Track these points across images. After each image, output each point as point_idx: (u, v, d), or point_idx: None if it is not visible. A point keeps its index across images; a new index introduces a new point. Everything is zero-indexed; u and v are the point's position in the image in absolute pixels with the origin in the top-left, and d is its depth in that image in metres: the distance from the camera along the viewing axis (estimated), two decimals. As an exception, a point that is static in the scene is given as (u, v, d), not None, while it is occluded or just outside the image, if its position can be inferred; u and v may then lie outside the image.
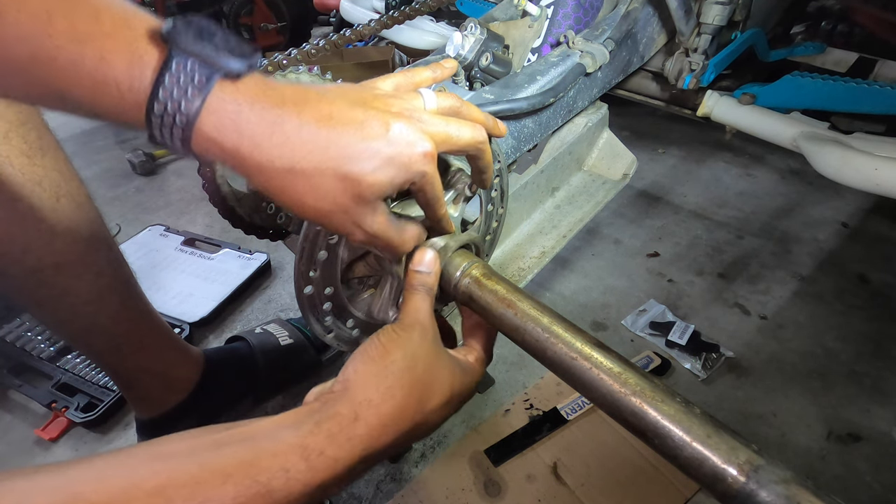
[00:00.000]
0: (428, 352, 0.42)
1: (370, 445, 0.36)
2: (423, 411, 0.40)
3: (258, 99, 0.34)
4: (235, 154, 0.34)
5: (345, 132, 0.36)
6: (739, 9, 0.95)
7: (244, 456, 0.33)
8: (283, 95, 0.35)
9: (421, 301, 0.45)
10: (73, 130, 1.84)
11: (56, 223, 0.61)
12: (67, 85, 0.31)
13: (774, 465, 0.33)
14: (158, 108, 0.32)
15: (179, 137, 0.33)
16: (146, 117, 0.33)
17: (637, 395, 0.38)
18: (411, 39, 1.58)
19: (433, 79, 0.49)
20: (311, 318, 0.53)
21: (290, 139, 0.35)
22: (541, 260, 0.90)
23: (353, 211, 0.38)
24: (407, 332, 0.42)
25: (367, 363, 0.39)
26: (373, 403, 0.37)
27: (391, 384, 0.38)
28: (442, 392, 0.41)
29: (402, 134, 0.38)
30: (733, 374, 1.01)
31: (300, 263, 0.48)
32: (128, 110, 0.33)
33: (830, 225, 1.41)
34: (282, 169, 0.35)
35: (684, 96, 1.11)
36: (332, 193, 0.36)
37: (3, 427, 0.92)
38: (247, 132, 0.34)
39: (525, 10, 0.81)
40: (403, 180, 0.38)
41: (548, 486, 0.81)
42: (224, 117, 0.33)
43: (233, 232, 0.79)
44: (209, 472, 0.31)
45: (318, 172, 0.36)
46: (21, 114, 0.57)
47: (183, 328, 1.05)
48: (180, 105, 0.32)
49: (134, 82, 0.32)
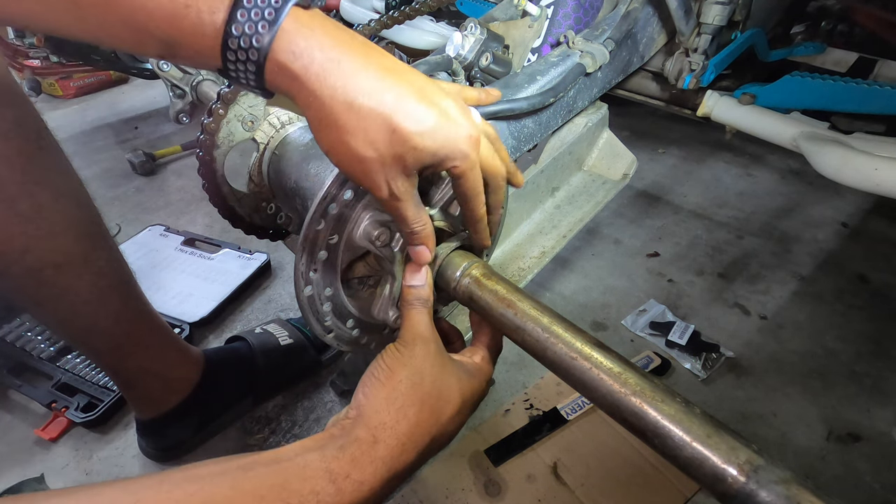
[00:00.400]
0: (433, 364, 0.42)
1: (392, 466, 0.37)
2: (439, 423, 0.41)
3: (329, 30, 0.36)
4: (303, 78, 0.35)
5: (406, 89, 0.37)
6: (739, 9, 0.95)
7: (274, 479, 0.33)
8: (353, 35, 0.37)
9: (418, 315, 0.45)
10: (73, 130, 1.84)
11: (56, 223, 0.61)
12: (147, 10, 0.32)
13: (774, 465, 0.33)
14: (236, 29, 0.33)
15: (254, 61, 0.34)
16: (223, 41, 0.34)
17: (637, 395, 0.38)
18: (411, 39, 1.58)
19: (477, 99, 0.51)
20: (311, 318, 0.53)
21: (356, 74, 0.36)
22: (541, 260, 0.90)
23: (390, 167, 0.38)
24: (409, 348, 0.42)
25: (375, 387, 0.40)
26: (388, 426, 0.38)
27: (402, 404, 0.39)
28: (453, 401, 0.42)
29: (454, 111, 0.39)
30: (733, 374, 1.01)
31: (300, 263, 0.48)
32: (205, 35, 0.34)
33: (830, 225, 1.41)
34: (342, 102, 0.36)
35: (684, 96, 1.11)
36: (378, 143, 0.37)
37: (3, 427, 0.92)
38: (317, 58, 0.35)
39: (525, 10, 0.81)
40: (447, 155, 0.39)
41: (548, 486, 0.81)
42: (298, 39, 0.34)
43: (233, 232, 0.79)
44: (241, 493, 0.32)
45: (372, 115, 0.36)
46: (21, 114, 0.57)
47: (183, 328, 1.05)
48: (257, 26, 0.33)
49: (214, 3, 0.33)
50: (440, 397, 0.41)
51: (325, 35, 0.35)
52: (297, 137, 0.66)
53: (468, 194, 0.43)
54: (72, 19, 0.33)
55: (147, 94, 2.10)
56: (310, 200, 0.54)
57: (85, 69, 2.03)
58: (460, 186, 0.42)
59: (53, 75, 1.99)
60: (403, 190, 0.40)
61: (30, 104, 0.58)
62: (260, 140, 0.67)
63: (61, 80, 2.01)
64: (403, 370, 0.41)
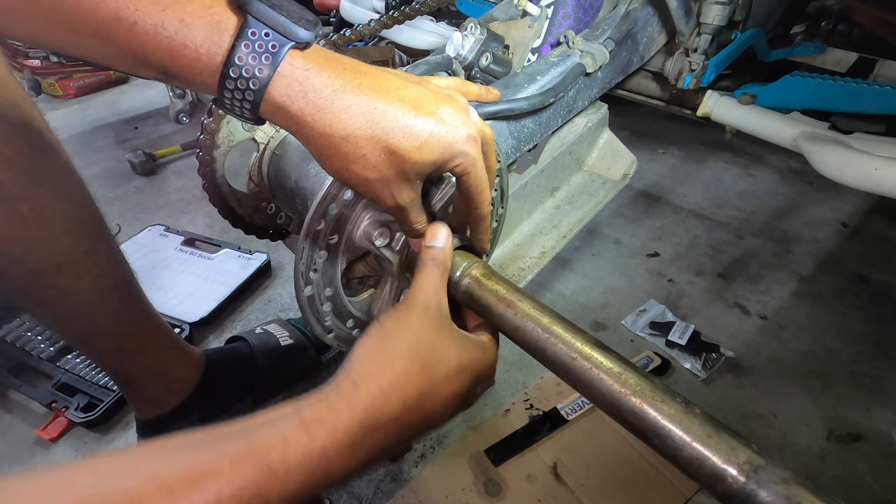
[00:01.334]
0: (430, 327, 0.41)
1: (373, 414, 0.35)
2: (430, 380, 0.38)
3: (323, 67, 0.37)
4: (299, 119, 0.37)
5: (398, 107, 0.38)
6: (739, 9, 0.95)
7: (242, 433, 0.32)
8: (344, 65, 0.38)
9: (427, 277, 0.44)
10: (73, 130, 1.84)
11: (58, 224, 0.61)
12: (147, 47, 0.33)
13: (774, 465, 0.33)
14: (234, 72, 0.35)
15: (250, 101, 0.36)
16: (220, 81, 0.35)
17: (637, 395, 0.38)
18: (411, 39, 1.58)
19: (478, 94, 0.54)
20: (312, 318, 0.53)
21: (349, 108, 0.37)
22: (541, 260, 0.90)
23: (394, 182, 0.40)
24: (409, 308, 0.42)
25: (365, 342, 0.40)
26: (371, 374, 0.37)
27: (390, 356, 0.38)
28: (448, 363, 0.40)
29: (450, 115, 0.40)
30: (733, 374, 1.01)
31: (300, 263, 0.48)
32: (202, 73, 0.35)
33: (830, 225, 1.41)
34: (339, 136, 0.37)
35: (684, 96, 1.11)
36: (379, 166, 0.39)
37: (3, 427, 0.92)
38: (312, 98, 0.36)
39: (525, 10, 0.81)
40: (446, 160, 0.40)
41: (548, 486, 0.81)
42: (293, 83, 0.36)
43: (233, 232, 0.79)
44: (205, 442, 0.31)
45: (369, 143, 0.38)
46: (23, 115, 0.57)
47: (183, 328, 1.05)
48: (254, 70, 0.35)
49: (212, 46, 0.34)
50: (434, 354, 0.39)
51: (318, 76, 0.36)
52: (297, 137, 0.66)
53: (472, 191, 0.44)
54: (70, 43, 0.34)
55: (147, 94, 2.10)
56: (310, 200, 0.54)
57: (85, 69, 2.03)
58: (463, 183, 0.43)
59: (53, 75, 1.99)
60: (408, 200, 0.42)
61: (32, 105, 0.58)
62: (260, 140, 0.67)
63: (61, 80, 2.01)
64: (398, 328, 0.40)
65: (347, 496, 0.81)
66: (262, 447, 0.31)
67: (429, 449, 0.87)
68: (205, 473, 0.29)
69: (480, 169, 0.42)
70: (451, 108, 0.40)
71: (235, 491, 0.29)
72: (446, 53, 0.71)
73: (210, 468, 0.30)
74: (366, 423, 0.35)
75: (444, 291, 0.45)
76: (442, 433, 0.89)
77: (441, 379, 0.39)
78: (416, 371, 0.38)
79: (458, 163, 0.41)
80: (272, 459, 0.31)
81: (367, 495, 0.81)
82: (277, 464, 0.31)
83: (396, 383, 0.37)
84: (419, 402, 0.37)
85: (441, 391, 0.39)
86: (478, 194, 0.44)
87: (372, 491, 0.82)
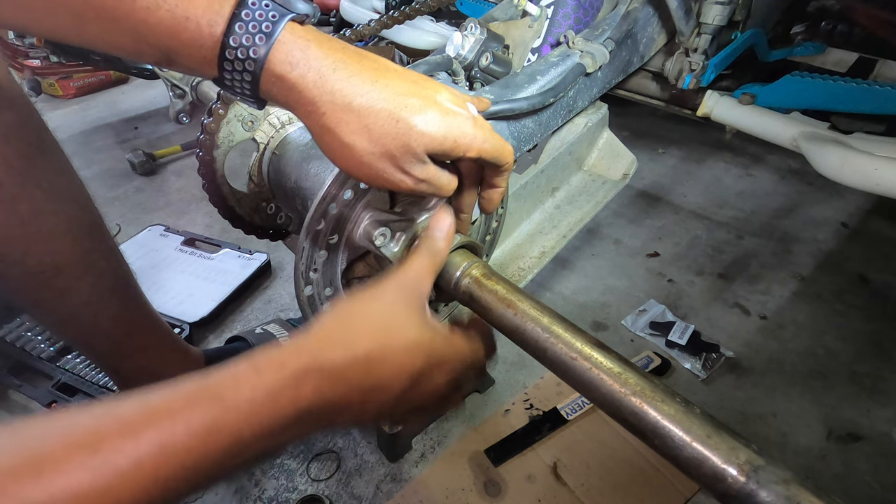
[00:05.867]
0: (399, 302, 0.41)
1: (317, 358, 0.35)
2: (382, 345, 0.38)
3: (323, 41, 0.37)
4: (300, 88, 0.37)
5: (401, 84, 0.39)
6: (739, 9, 0.95)
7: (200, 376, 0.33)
8: (343, 45, 0.38)
9: (414, 260, 0.44)
10: (73, 130, 1.84)
11: (56, 225, 0.61)
12: (149, 23, 0.34)
13: (774, 465, 0.33)
14: (234, 41, 0.35)
15: (250, 71, 0.36)
16: (220, 52, 0.35)
17: (637, 395, 0.38)
18: (411, 39, 1.58)
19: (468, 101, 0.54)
20: (311, 318, 0.53)
21: (351, 78, 0.37)
22: (541, 260, 0.90)
23: (402, 159, 0.39)
24: (385, 282, 0.42)
25: (335, 304, 0.40)
26: (326, 327, 0.37)
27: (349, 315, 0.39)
28: (406, 334, 0.39)
29: (450, 103, 0.40)
30: (733, 374, 1.01)
31: (300, 263, 0.48)
32: (203, 47, 0.35)
33: (830, 225, 1.41)
34: (341, 105, 0.37)
35: (684, 96, 1.11)
36: (383, 137, 0.38)
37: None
38: (314, 66, 0.36)
39: (525, 10, 0.81)
40: (454, 140, 0.40)
41: (548, 486, 0.81)
42: (295, 50, 0.36)
43: (233, 232, 0.79)
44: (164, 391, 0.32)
45: (373, 112, 0.37)
46: (21, 115, 0.57)
47: (183, 328, 1.05)
48: (254, 38, 0.35)
49: (212, 16, 0.35)
50: (392, 324, 0.39)
51: (318, 47, 0.37)
52: (297, 137, 0.67)
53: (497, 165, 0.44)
54: (73, 28, 0.34)
55: (147, 94, 2.10)
56: (310, 200, 0.54)
57: (85, 69, 2.03)
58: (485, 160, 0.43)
59: (53, 75, 1.99)
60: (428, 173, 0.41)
61: (31, 106, 0.58)
62: (260, 140, 0.67)
63: (61, 80, 2.01)
64: (367, 296, 0.40)
65: (347, 496, 0.81)
66: (215, 386, 0.32)
67: (429, 449, 0.87)
68: (160, 409, 0.30)
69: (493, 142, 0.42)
70: (450, 95, 0.41)
71: (189, 424, 0.30)
72: (446, 53, 0.71)
73: (166, 405, 0.30)
74: (310, 366, 0.35)
75: (430, 279, 0.44)
76: (442, 433, 0.89)
77: (394, 347, 0.38)
78: (370, 332, 0.38)
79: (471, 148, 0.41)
80: (224, 396, 0.32)
81: (367, 495, 0.81)
82: (229, 400, 0.32)
83: (348, 337, 0.37)
84: (367, 363, 0.37)
85: (391, 359, 0.38)
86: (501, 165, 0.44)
87: (372, 491, 0.82)
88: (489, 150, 0.42)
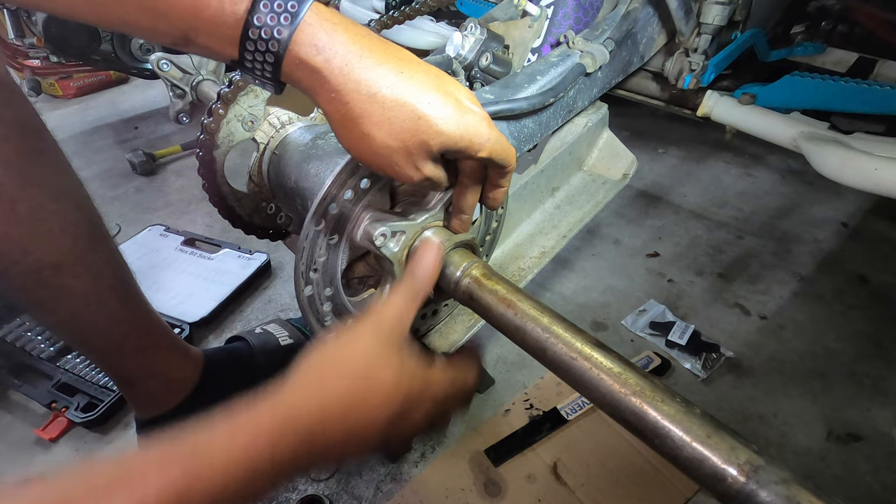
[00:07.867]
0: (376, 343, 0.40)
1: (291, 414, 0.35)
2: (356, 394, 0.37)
3: (348, 26, 0.36)
4: (325, 74, 0.35)
5: (425, 79, 0.38)
6: (739, 9, 0.95)
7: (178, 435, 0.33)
8: (370, 32, 0.37)
9: (395, 296, 0.44)
10: (72, 130, 1.84)
11: (55, 224, 0.61)
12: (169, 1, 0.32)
13: (774, 465, 0.33)
14: (258, 19, 0.33)
15: (273, 52, 0.34)
16: (243, 32, 0.34)
17: (637, 395, 0.38)
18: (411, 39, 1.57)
19: None
20: (311, 318, 0.53)
21: (377, 68, 0.36)
22: (541, 260, 0.90)
23: (416, 155, 0.39)
24: (362, 323, 0.41)
25: (312, 350, 0.40)
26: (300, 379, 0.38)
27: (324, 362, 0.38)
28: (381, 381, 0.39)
29: (468, 102, 0.40)
30: (733, 374, 1.01)
31: (300, 263, 0.48)
32: (224, 25, 0.34)
33: (830, 225, 1.41)
34: (365, 94, 0.36)
35: (684, 96, 1.10)
36: (403, 132, 0.38)
37: (3, 427, 0.92)
38: (340, 52, 0.35)
39: (525, 10, 0.81)
40: (469, 140, 0.40)
41: (548, 486, 0.81)
42: (321, 33, 0.35)
43: (233, 232, 0.79)
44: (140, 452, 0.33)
45: (396, 106, 0.37)
46: (20, 115, 0.57)
47: (183, 328, 1.05)
48: (279, 18, 0.34)
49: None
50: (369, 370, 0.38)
51: (345, 31, 0.36)
52: (297, 137, 0.66)
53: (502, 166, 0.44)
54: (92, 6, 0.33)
55: (147, 94, 2.10)
56: (310, 200, 0.54)
57: (85, 69, 2.03)
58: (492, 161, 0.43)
59: (53, 75, 1.99)
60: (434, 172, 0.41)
61: (29, 105, 0.58)
62: (260, 140, 0.67)
63: (61, 80, 2.01)
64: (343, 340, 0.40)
65: (347, 496, 0.81)
66: (189, 447, 0.32)
67: (429, 449, 0.87)
68: (133, 473, 0.30)
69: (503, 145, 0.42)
70: (467, 95, 0.41)
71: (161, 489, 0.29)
72: (446, 53, 0.71)
73: (140, 468, 0.30)
74: (286, 423, 0.35)
75: (410, 316, 0.43)
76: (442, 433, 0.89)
77: (371, 391, 0.38)
78: (346, 377, 0.38)
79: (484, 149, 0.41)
80: (198, 460, 0.31)
81: (368, 495, 0.81)
82: (203, 465, 0.31)
83: (323, 386, 0.37)
84: (343, 411, 0.37)
85: (369, 403, 0.38)
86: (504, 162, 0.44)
87: (372, 491, 0.82)
88: (498, 152, 0.42)
